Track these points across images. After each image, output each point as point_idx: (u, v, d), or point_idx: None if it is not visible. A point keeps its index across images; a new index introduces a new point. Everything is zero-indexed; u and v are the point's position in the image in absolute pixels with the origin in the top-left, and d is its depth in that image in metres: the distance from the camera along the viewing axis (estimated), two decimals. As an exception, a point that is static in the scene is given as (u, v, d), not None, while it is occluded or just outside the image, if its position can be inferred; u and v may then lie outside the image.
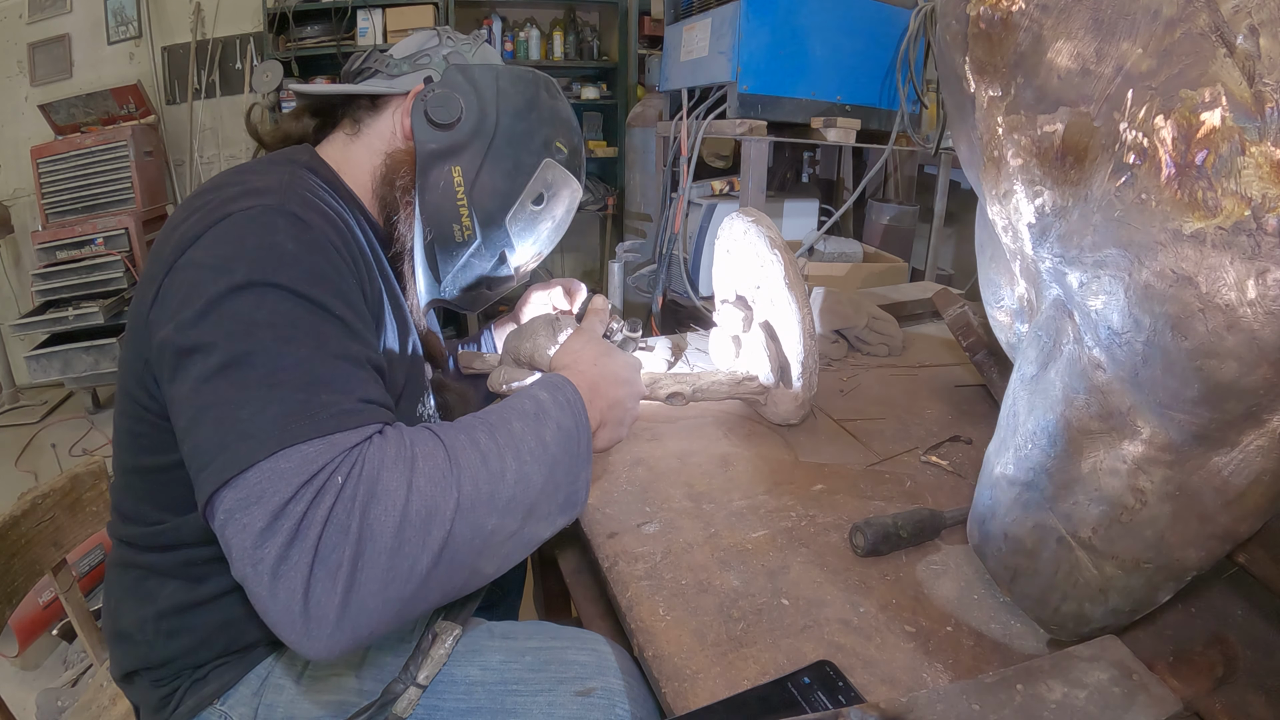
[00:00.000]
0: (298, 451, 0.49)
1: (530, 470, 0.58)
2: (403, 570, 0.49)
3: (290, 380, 0.52)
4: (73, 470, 0.96)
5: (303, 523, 0.47)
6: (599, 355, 0.76)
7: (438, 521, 0.51)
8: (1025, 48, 0.52)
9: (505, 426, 0.59)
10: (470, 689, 0.69)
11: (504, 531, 0.56)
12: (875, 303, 1.35)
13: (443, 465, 0.53)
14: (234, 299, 0.54)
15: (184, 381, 0.54)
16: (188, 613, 0.67)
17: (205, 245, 0.57)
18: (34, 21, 3.34)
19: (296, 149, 0.78)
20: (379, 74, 0.82)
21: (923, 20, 1.99)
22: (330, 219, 0.65)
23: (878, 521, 0.72)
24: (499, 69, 0.81)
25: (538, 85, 0.83)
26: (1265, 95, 0.40)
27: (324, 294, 0.57)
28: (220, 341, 0.53)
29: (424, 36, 0.84)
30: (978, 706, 0.50)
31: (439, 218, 0.78)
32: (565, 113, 0.85)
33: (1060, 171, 0.52)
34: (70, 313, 2.91)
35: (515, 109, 0.80)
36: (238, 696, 0.68)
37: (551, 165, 0.83)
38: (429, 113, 0.76)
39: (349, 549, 0.48)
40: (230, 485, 0.49)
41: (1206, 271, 0.43)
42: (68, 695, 1.57)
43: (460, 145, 0.77)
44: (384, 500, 0.50)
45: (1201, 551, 0.53)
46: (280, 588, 0.47)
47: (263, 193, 0.62)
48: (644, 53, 3.93)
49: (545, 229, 0.87)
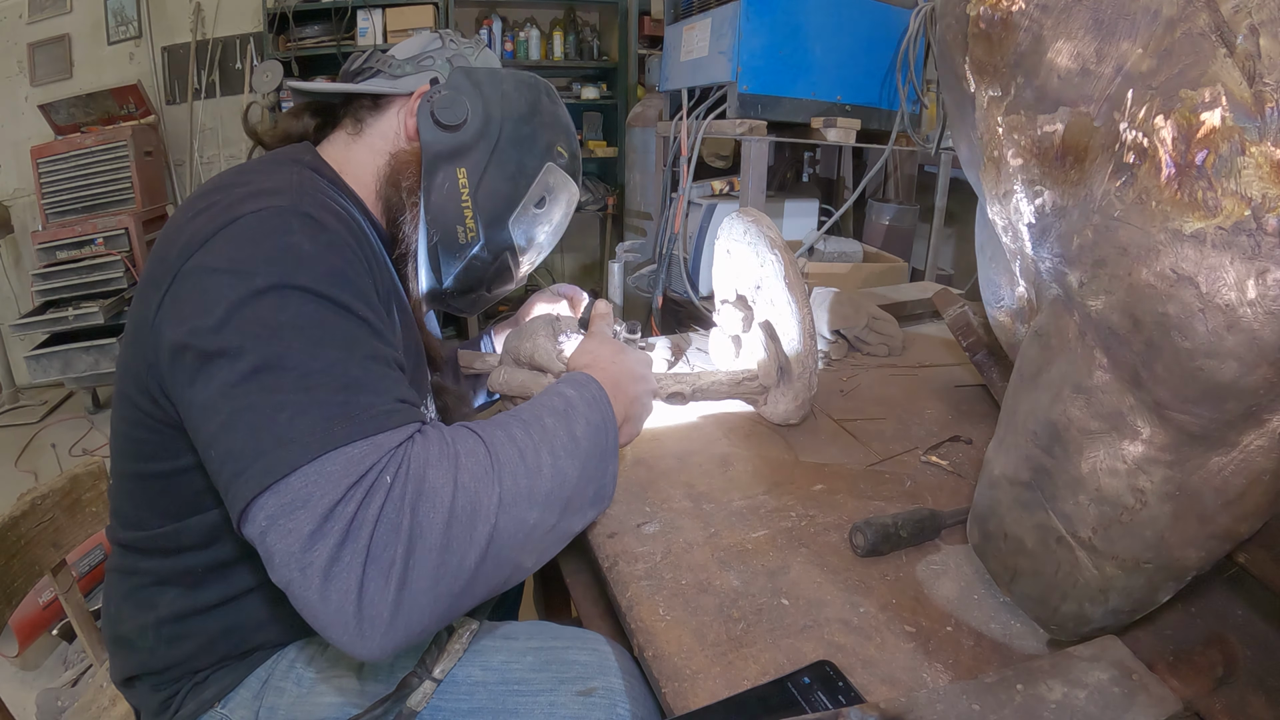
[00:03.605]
0: (342, 454, 0.49)
1: (565, 464, 0.59)
2: (452, 566, 0.50)
3: (325, 383, 0.52)
4: (72, 470, 0.96)
5: (353, 523, 0.47)
6: (615, 354, 0.78)
7: (483, 516, 0.52)
8: (1025, 48, 0.52)
9: (538, 423, 0.60)
10: (472, 689, 0.69)
11: (544, 525, 0.57)
12: (875, 303, 1.35)
13: (484, 461, 0.54)
14: (256, 303, 0.53)
15: (209, 387, 0.52)
16: (188, 620, 0.67)
17: (216, 249, 0.56)
18: (34, 21, 3.34)
19: (298, 148, 0.77)
20: (381, 74, 0.81)
21: (923, 20, 1.99)
22: (343, 219, 0.64)
23: (878, 521, 0.72)
24: (503, 73, 0.81)
25: (540, 90, 0.83)
26: (1265, 95, 0.40)
27: (346, 295, 0.57)
28: (249, 346, 0.52)
29: (426, 38, 0.84)
30: (978, 706, 0.50)
31: (443, 219, 0.78)
32: (565, 118, 0.86)
33: (1060, 171, 0.52)
34: (70, 313, 2.91)
35: (519, 113, 0.80)
36: (238, 700, 0.68)
37: (553, 169, 0.83)
38: (435, 114, 0.76)
39: (400, 547, 0.48)
40: (271, 491, 0.48)
41: (1206, 271, 0.43)
42: (68, 695, 1.57)
43: (466, 147, 0.77)
44: (431, 498, 0.50)
45: (1201, 551, 0.53)
46: (332, 590, 0.46)
47: (273, 193, 0.61)
48: (644, 53, 3.93)
49: (546, 231, 0.87)
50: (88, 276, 2.96)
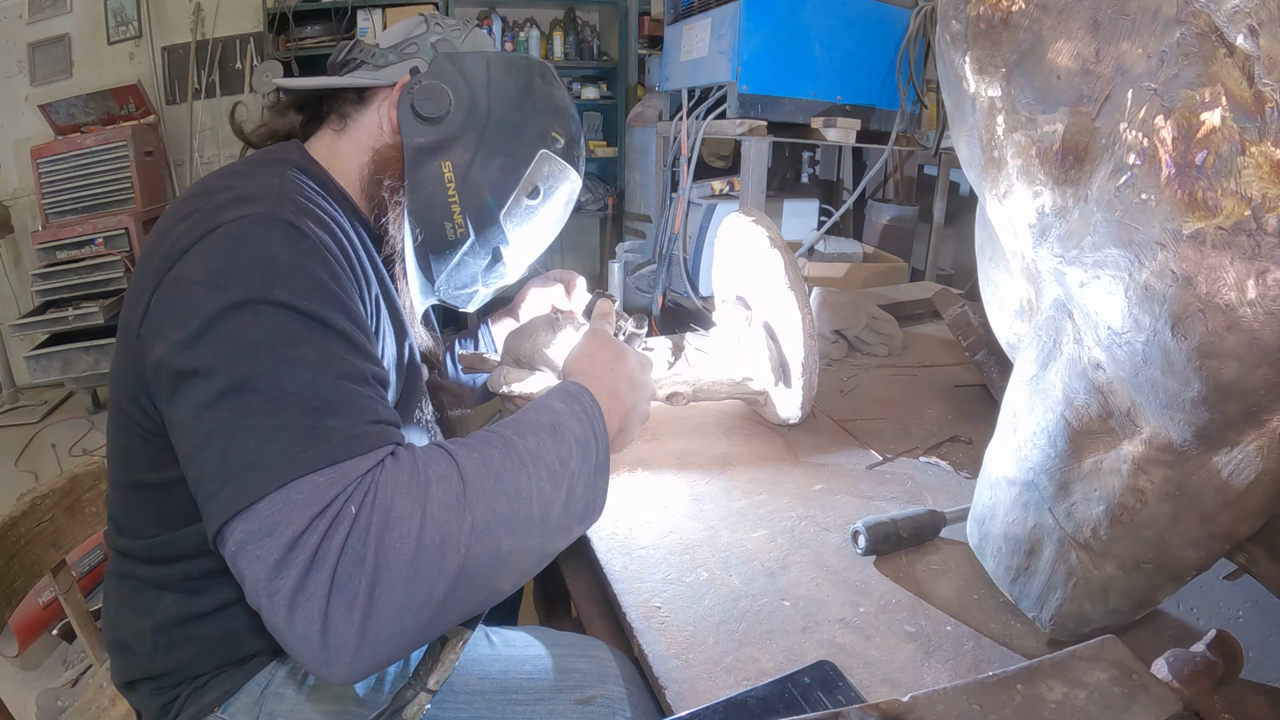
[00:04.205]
0: (309, 481, 0.49)
1: (546, 487, 0.57)
2: (419, 596, 0.49)
3: (296, 405, 0.51)
4: (72, 471, 0.96)
5: (317, 554, 0.47)
6: (614, 358, 0.73)
7: (453, 546, 0.50)
8: (1025, 48, 0.52)
9: (521, 443, 0.58)
10: (470, 698, 0.68)
11: (522, 549, 0.55)
12: (875, 303, 1.35)
13: (456, 489, 0.52)
14: (230, 318, 0.52)
15: (184, 406, 0.52)
16: (187, 625, 0.67)
17: (195, 259, 0.55)
18: (34, 21, 3.34)
19: (285, 146, 0.75)
20: (365, 65, 0.77)
21: (923, 20, 1.99)
22: (325, 224, 0.62)
23: (878, 521, 0.72)
24: (490, 56, 0.77)
25: (532, 72, 0.78)
26: (1265, 95, 0.40)
27: (324, 308, 0.55)
28: (220, 366, 0.51)
29: (411, 24, 0.79)
30: (978, 706, 0.49)
31: (430, 216, 0.75)
32: (562, 100, 0.81)
33: (1060, 171, 0.52)
34: (70, 313, 2.91)
35: (508, 98, 0.76)
36: (238, 705, 0.68)
37: (548, 157, 0.79)
38: (415, 106, 0.72)
39: (365, 579, 0.47)
40: (240, 517, 0.48)
41: (1206, 271, 0.43)
42: (68, 695, 1.57)
43: (450, 139, 0.74)
44: (398, 528, 0.49)
45: (1201, 551, 0.53)
46: (297, 618, 0.46)
47: (253, 200, 0.59)
48: (644, 53, 3.93)
49: (542, 223, 0.83)
50: (88, 276, 2.96)
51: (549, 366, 0.89)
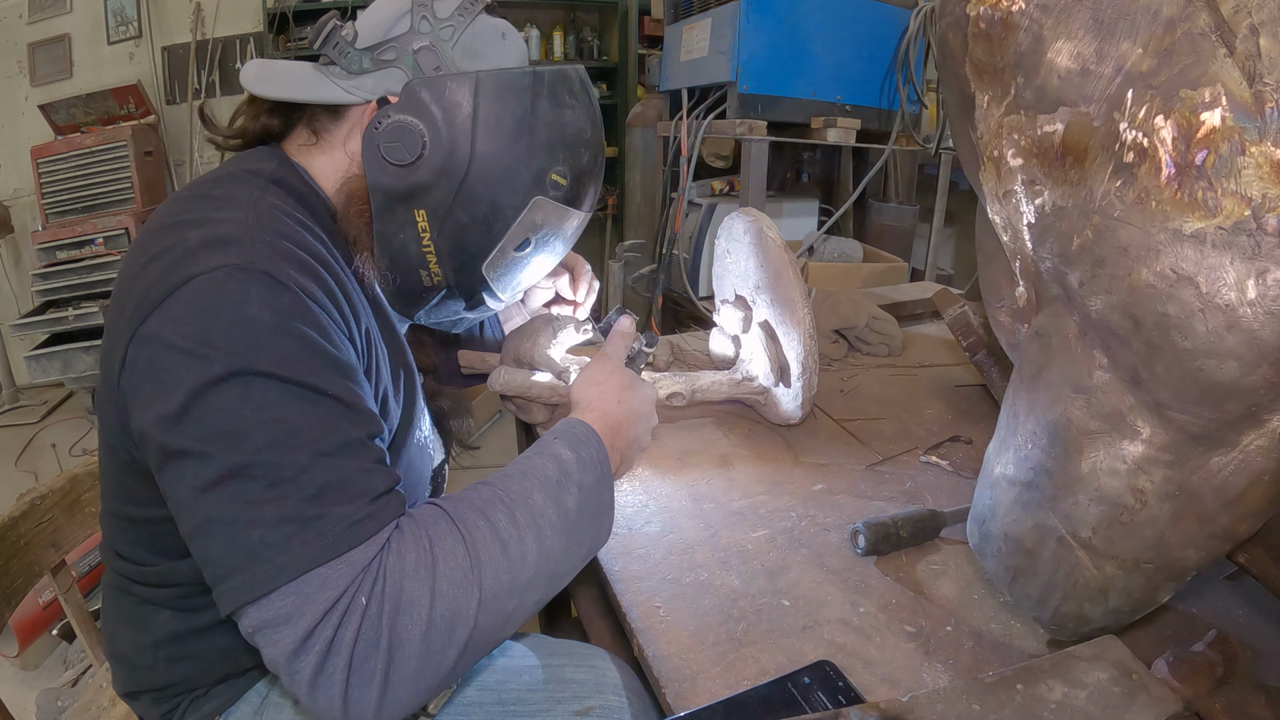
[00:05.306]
0: (317, 575, 0.49)
1: (552, 544, 0.57)
2: (431, 667, 0.51)
3: (295, 492, 0.50)
4: (72, 471, 0.96)
5: (333, 644, 0.48)
6: (622, 390, 0.70)
7: (463, 620, 0.52)
8: (1025, 48, 0.52)
9: (525, 501, 0.57)
10: (468, 710, 0.68)
11: (527, 603, 0.56)
12: (875, 303, 1.35)
13: (464, 564, 0.52)
14: (216, 394, 0.50)
15: (179, 485, 0.51)
16: (185, 641, 0.67)
17: (170, 317, 0.51)
18: (34, 21, 3.34)
19: (262, 153, 0.68)
20: (337, 66, 0.66)
21: (923, 20, 1.99)
22: (307, 266, 0.57)
23: (878, 521, 0.72)
24: (480, 79, 0.63)
25: (536, 95, 0.65)
26: (1265, 95, 0.40)
27: (312, 374, 0.52)
28: (213, 450, 0.49)
29: (394, 15, 0.65)
30: (978, 706, 0.50)
31: (403, 263, 0.67)
32: (574, 125, 0.68)
33: (1060, 171, 0.52)
34: (70, 313, 2.91)
35: (497, 136, 0.64)
36: (239, 714, 0.68)
37: (543, 204, 0.68)
38: (382, 149, 0.62)
39: (380, 661, 0.49)
40: (254, 605, 0.49)
41: (1206, 271, 0.43)
42: (68, 695, 1.57)
43: (422, 186, 0.64)
44: (409, 611, 0.50)
45: (1201, 551, 0.53)
46: (319, 695, 0.48)
47: (227, 243, 0.54)
48: (644, 53, 3.93)
49: (534, 269, 0.75)
50: (88, 276, 2.96)
51: (549, 367, 0.89)
